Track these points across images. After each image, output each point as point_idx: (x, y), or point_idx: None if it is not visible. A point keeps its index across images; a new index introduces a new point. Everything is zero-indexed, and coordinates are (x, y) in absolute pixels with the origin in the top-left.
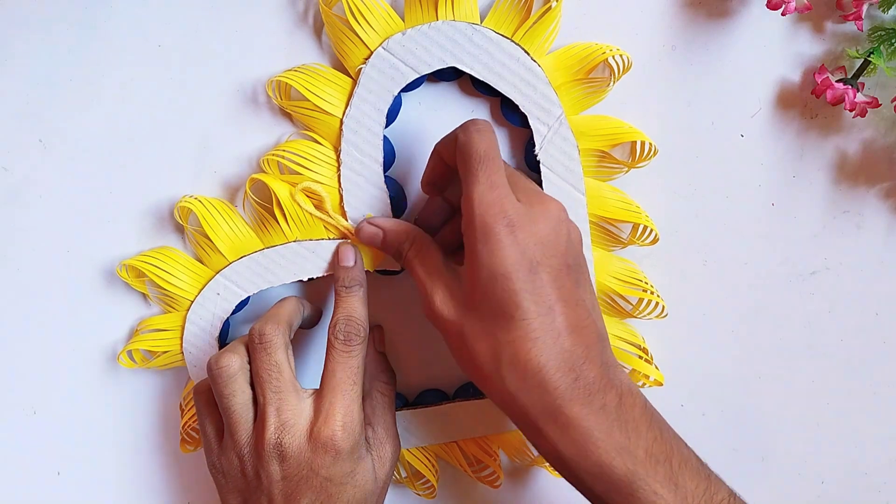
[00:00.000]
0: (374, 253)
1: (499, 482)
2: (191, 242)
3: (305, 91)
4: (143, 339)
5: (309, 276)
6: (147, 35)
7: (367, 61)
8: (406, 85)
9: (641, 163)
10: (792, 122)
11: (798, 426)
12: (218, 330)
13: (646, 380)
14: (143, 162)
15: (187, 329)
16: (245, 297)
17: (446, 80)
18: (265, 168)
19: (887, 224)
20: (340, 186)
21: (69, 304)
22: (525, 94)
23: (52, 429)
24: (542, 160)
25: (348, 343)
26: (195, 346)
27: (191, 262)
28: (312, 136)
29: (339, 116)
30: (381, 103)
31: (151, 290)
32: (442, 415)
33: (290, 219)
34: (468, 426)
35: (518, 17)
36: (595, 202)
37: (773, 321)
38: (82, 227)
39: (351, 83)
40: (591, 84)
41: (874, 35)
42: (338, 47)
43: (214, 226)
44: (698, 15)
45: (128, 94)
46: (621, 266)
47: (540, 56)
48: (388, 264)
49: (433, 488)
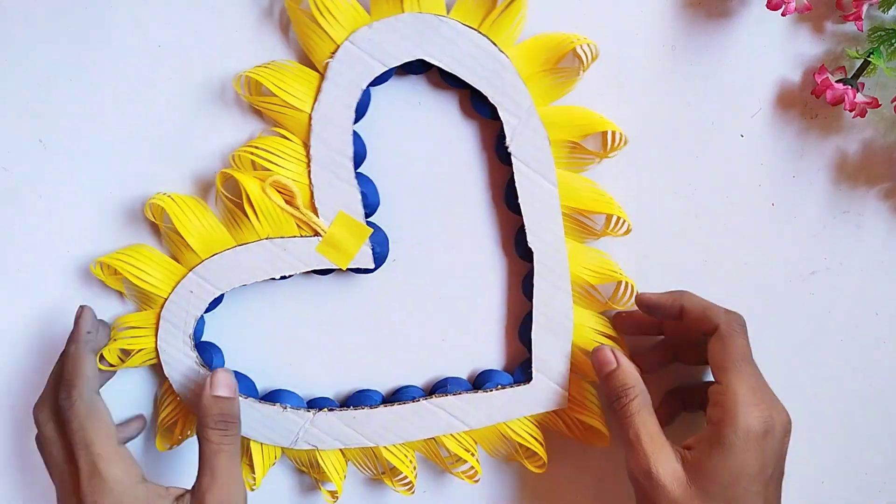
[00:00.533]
0: (349, 250)
1: (477, 477)
2: (165, 240)
3: (273, 87)
4: (118, 336)
5: (281, 273)
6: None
7: (334, 55)
8: (374, 79)
9: (612, 153)
10: (792, 122)
11: (798, 426)
12: (192, 327)
13: None
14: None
15: (161, 327)
16: (217, 294)
17: (415, 73)
18: (237, 164)
19: (887, 224)
20: (311, 183)
21: (68, 304)
22: (494, 86)
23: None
24: (513, 152)
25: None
26: (169, 344)
27: (165, 259)
28: (282, 133)
29: (308, 112)
30: (350, 98)
31: (127, 288)
32: (418, 411)
33: (260, 215)
34: (445, 422)
35: (484, 8)
36: (567, 193)
37: (773, 321)
38: (82, 226)
39: (319, 78)
40: (560, 74)
41: (874, 35)
42: (304, 42)
43: (186, 223)
44: (698, 15)
45: (113, 94)
46: (594, 257)
47: (507, 47)
48: (360, 262)
49: (411, 484)
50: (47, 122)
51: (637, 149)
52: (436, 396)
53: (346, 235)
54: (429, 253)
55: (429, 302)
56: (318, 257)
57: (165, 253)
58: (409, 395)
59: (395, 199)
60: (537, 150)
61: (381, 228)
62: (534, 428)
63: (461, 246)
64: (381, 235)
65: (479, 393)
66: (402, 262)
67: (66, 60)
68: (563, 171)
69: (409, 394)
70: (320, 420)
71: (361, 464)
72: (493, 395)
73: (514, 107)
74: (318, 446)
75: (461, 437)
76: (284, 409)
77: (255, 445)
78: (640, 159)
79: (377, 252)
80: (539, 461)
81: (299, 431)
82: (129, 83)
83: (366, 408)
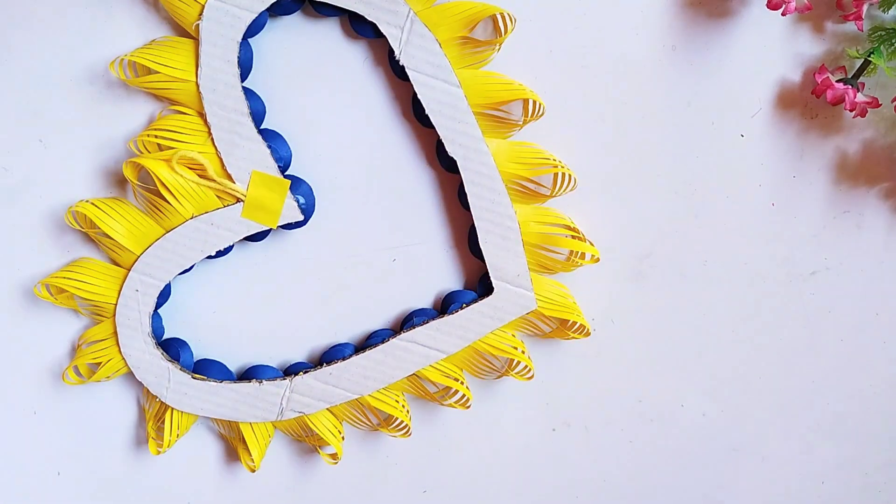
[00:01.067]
0: (274, 207)
1: (469, 403)
2: (100, 246)
3: (153, 64)
4: (84, 353)
5: (216, 249)
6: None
7: (202, 15)
8: (248, 29)
9: (534, 120)
10: (792, 122)
11: (798, 426)
12: (148, 326)
13: (583, 260)
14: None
15: (120, 333)
16: (162, 286)
17: (289, 12)
18: (143, 150)
19: (887, 224)
20: (217, 150)
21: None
22: (367, 2)
23: (52, 429)
24: (405, 63)
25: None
26: (132, 348)
27: (105, 266)
28: (178, 109)
29: (194, 80)
30: (229, 54)
31: (79, 303)
32: (390, 352)
33: (178, 196)
34: (420, 355)
35: None
36: (474, 91)
37: (773, 321)
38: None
39: (195, 44)
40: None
41: (874, 35)
42: (172, 11)
43: (112, 224)
44: (698, 15)
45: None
46: (521, 149)
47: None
48: (289, 217)
49: (407, 427)
50: (48, 122)
51: (637, 149)
52: (404, 332)
53: (266, 193)
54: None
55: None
56: (247, 223)
57: (105, 260)
58: (379, 338)
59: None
60: (429, 55)
61: (301, 179)
62: (511, 338)
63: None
64: (303, 186)
65: (445, 317)
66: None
67: (68, 60)
68: (465, 70)
69: (379, 337)
70: (299, 385)
71: (355, 420)
72: (461, 316)
73: (393, 17)
74: (304, 411)
75: (443, 366)
76: (260, 383)
77: (245, 427)
78: (640, 159)
79: (304, 203)
80: (526, 370)
81: (282, 401)
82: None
83: (338, 361)
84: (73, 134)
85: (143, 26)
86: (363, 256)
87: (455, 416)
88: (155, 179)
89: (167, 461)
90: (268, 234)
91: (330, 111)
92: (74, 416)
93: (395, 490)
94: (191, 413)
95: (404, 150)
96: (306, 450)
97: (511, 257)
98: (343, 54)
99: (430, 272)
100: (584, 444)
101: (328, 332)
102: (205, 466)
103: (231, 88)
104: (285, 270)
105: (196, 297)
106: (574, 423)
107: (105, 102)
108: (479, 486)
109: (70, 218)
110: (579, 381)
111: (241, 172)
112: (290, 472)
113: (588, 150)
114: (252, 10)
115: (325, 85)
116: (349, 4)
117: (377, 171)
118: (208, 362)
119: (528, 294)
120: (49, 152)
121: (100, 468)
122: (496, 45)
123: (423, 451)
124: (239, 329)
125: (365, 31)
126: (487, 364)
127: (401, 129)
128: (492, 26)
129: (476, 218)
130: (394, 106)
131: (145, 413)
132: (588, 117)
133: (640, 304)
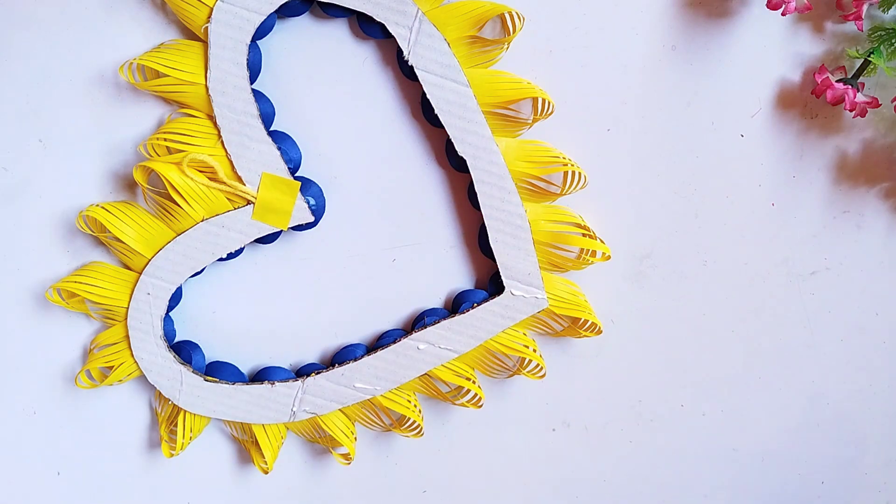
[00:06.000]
0: (284, 209)
1: (482, 402)
2: (111, 250)
3: (162, 68)
4: (96, 357)
5: (226, 251)
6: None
7: (211, 18)
8: (257, 31)
9: (543, 118)
10: (792, 122)
11: (798, 426)
12: (160, 329)
13: (594, 258)
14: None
15: (132, 336)
16: (173, 289)
17: (297, 14)
18: (152, 154)
19: (887, 224)
20: (227, 153)
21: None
22: (376, 3)
23: (52, 429)
24: (414, 63)
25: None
26: (145, 351)
27: (116, 269)
28: (187, 112)
29: (203, 83)
30: (238, 56)
31: (90, 307)
32: (402, 352)
33: (189, 199)
34: (432, 355)
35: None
36: (483, 90)
37: (773, 321)
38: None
39: (204, 46)
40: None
41: (874, 35)
42: (181, 15)
43: (123, 227)
44: (698, 15)
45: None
46: (531, 147)
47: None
48: (300, 218)
49: (419, 427)
50: (48, 122)
51: (637, 149)
52: (416, 332)
53: (276, 195)
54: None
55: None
56: (257, 225)
57: (116, 263)
58: (390, 338)
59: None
60: (438, 55)
61: (311, 180)
62: (523, 337)
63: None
64: (314, 188)
65: (456, 317)
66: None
67: (68, 60)
68: (473, 69)
69: (390, 337)
70: (311, 386)
71: (367, 420)
72: (472, 315)
73: (401, 18)
74: (316, 412)
75: (455, 366)
76: (273, 385)
77: (258, 429)
78: (640, 159)
79: (314, 205)
80: (538, 369)
81: (294, 403)
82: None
83: (350, 362)
84: (84, 138)
85: (150, 29)
86: (374, 257)
87: (455, 417)
88: (165, 183)
89: (180, 464)
90: (278, 236)
91: (339, 112)
92: (88, 421)
93: (394, 490)
94: (204, 415)
95: (413, 150)
96: (319, 451)
97: (522, 256)
98: (351, 55)
99: (440, 272)
100: (584, 444)
101: (339, 332)
102: (218, 468)
103: (240, 91)
104: (296, 272)
105: (207, 299)
106: (574, 423)
107: (114, 106)
108: (479, 485)
109: (81, 222)
110: (579, 381)
111: (252, 175)
112: (303, 474)
113: (588, 150)
114: (260, 11)
115: (333, 86)
116: (357, 5)
117: (387, 172)
118: (220, 364)
119: (540, 293)
120: (59, 157)
121: (113, 472)
122: (504, 44)
123: (424, 451)
124: (250, 331)
125: (373, 31)
126: (499, 363)
127: (410, 129)
128: (500, 25)
129: (486, 217)
130: (403, 106)
131: (158, 416)
132: (588, 117)
133: (640, 304)
